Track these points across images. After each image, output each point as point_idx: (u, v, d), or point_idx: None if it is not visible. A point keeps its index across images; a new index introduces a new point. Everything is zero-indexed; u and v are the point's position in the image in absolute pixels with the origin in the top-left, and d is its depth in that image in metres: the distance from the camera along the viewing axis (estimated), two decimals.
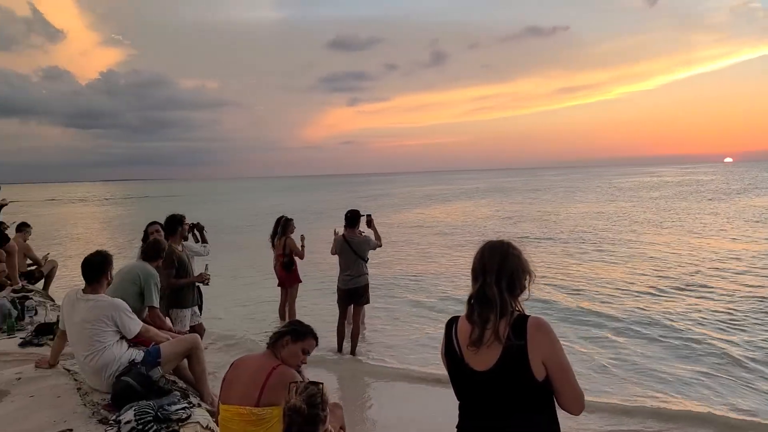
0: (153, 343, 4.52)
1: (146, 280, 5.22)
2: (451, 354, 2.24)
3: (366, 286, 7.63)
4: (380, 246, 7.78)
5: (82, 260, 4.43)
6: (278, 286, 9.41)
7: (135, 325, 4.37)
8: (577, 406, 2.15)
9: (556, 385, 2.11)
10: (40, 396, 4.18)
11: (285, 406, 2.48)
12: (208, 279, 6.43)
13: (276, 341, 3.26)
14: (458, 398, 2.28)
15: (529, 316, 2.15)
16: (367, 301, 7.82)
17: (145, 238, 6.62)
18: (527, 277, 2.23)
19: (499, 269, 2.17)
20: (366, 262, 7.60)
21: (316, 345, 3.40)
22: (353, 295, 7.61)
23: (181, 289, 6.31)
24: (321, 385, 2.52)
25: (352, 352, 7.69)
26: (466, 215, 32.78)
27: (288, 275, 9.16)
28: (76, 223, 37.02)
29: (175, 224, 6.46)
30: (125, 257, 13.35)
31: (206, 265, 6.64)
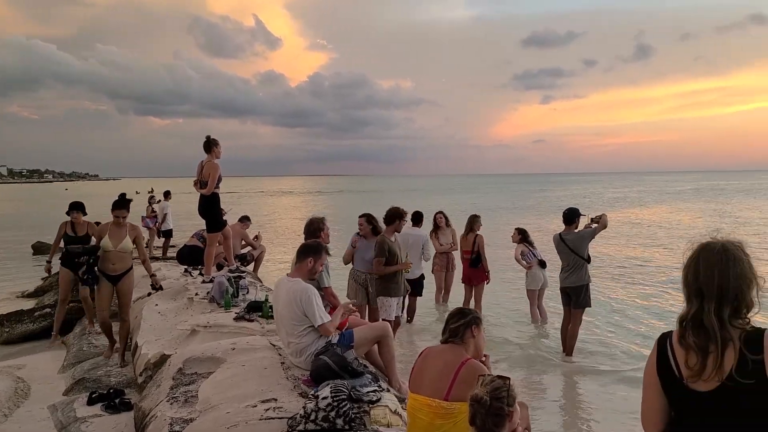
0: (346, 327, 4.77)
1: None
2: (667, 373, 1.96)
3: (582, 287, 7.22)
4: (605, 228, 7.16)
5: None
6: (463, 282, 9.47)
7: (317, 317, 4.37)
8: None
9: None
10: (251, 366, 4.58)
11: (469, 397, 2.46)
12: (410, 266, 7.13)
13: (464, 334, 3.24)
14: (676, 419, 2.00)
15: (765, 329, 1.84)
16: (587, 304, 7.36)
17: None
18: (755, 288, 1.87)
19: (721, 292, 1.85)
20: (586, 261, 7.20)
21: None
22: (569, 294, 7.34)
23: (390, 278, 6.82)
24: (508, 380, 2.47)
25: (566, 352, 7.50)
26: (661, 220, 30.13)
27: (475, 272, 9.17)
28: (281, 213, 40.59)
29: (394, 217, 6.98)
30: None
31: (407, 254, 7.23)
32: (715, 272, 1.87)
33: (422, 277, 8.85)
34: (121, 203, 6.57)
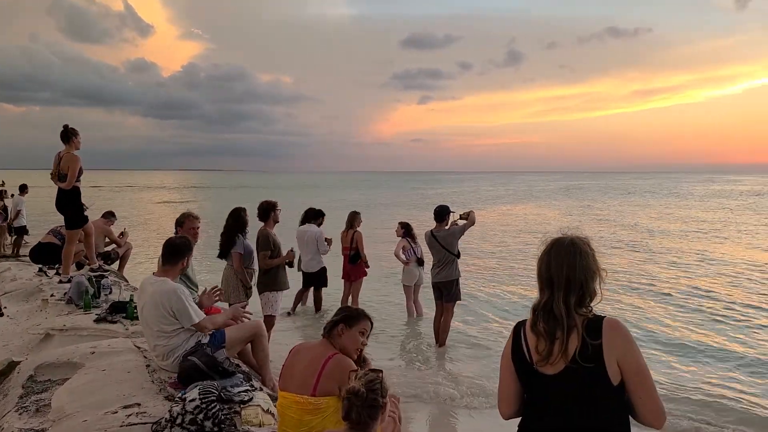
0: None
1: None
2: (520, 358, 2.12)
3: (453, 282, 7.47)
4: (473, 224, 7.40)
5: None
6: (342, 278, 9.52)
7: (192, 315, 4.22)
8: (656, 417, 1.98)
9: (633, 389, 1.97)
10: (112, 370, 4.31)
11: (344, 390, 2.49)
12: (293, 257, 7.14)
13: (331, 330, 3.26)
14: (528, 401, 2.17)
15: (604, 317, 2.03)
16: (457, 298, 7.68)
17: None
18: (598, 279, 2.07)
19: (568, 281, 2.03)
20: (456, 256, 7.43)
21: (372, 326, 3.38)
22: (440, 289, 7.54)
23: (276, 272, 6.76)
24: (380, 373, 2.53)
25: (439, 344, 7.75)
26: (521, 216, 32.15)
27: (354, 268, 9.24)
28: (149, 210, 38.62)
29: (268, 210, 6.91)
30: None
31: (291, 247, 7.20)
32: (564, 264, 2.05)
33: (323, 269, 9.12)
34: None
